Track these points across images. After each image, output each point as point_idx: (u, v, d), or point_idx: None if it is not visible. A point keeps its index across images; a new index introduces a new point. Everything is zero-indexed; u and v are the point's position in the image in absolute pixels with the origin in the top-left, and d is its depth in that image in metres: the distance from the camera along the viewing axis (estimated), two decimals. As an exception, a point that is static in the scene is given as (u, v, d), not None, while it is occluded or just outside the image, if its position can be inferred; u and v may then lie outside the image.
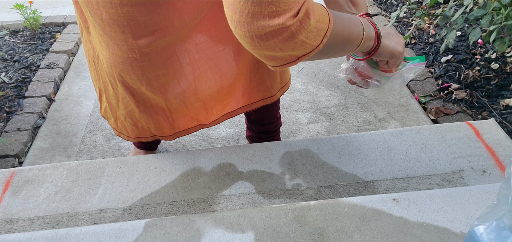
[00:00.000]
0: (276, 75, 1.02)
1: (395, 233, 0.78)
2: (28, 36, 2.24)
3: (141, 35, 0.76)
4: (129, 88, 0.89)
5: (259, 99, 1.04)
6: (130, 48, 0.79)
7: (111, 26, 0.76)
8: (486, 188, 0.87)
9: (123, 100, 0.95)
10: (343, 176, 1.01)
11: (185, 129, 1.03)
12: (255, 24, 0.55)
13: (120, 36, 0.77)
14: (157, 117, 0.97)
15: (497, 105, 1.46)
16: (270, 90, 1.03)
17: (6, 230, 0.93)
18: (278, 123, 1.25)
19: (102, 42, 0.82)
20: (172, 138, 1.04)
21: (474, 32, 1.39)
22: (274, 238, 0.79)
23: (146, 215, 0.94)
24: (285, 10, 0.54)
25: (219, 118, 1.03)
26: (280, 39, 0.56)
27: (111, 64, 0.85)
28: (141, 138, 1.05)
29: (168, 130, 1.01)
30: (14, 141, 1.46)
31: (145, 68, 0.83)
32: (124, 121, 1.02)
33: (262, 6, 0.53)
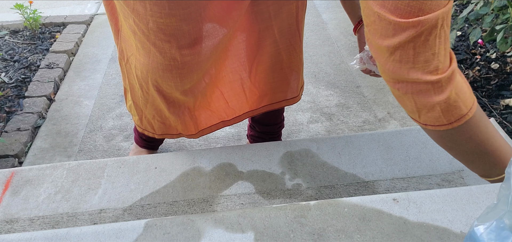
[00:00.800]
0: (299, 76, 1.01)
1: (395, 233, 0.78)
2: (28, 36, 2.24)
3: (184, 45, 0.77)
4: (162, 93, 0.90)
5: (282, 100, 1.03)
6: (172, 56, 0.79)
7: (157, 35, 0.76)
8: (486, 188, 0.87)
9: (153, 102, 0.96)
10: (343, 176, 1.01)
11: (208, 126, 1.03)
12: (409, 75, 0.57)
13: (165, 45, 0.77)
14: (184, 117, 0.98)
15: (497, 105, 1.46)
16: (294, 90, 1.03)
17: (6, 230, 0.93)
18: (281, 125, 1.25)
19: (142, 49, 0.82)
20: (196, 136, 1.04)
21: (474, 32, 1.39)
22: (274, 238, 0.79)
23: (146, 215, 0.94)
24: (427, 62, 0.56)
25: (241, 115, 1.04)
26: (415, 89, 0.59)
27: (148, 70, 0.86)
28: (166, 135, 1.06)
29: (193, 128, 1.02)
30: (14, 141, 1.46)
31: (184, 76, 0.84)
32: (152, 119, 1.02)
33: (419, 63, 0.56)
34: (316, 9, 2.44)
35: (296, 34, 0.91)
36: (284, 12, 0.85)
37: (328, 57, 1.94)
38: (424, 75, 0.55)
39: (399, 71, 0.57)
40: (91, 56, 2.07)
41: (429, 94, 0.58)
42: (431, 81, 0.56)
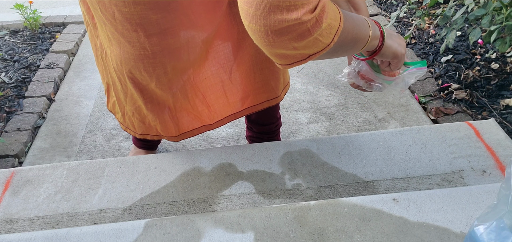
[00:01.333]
0: (280, 76, 1.02)
1: (395, 233, 0.78)
2: (28, 36, 2.24)
3: (153, 34, 0.77)
4: (138, 85, 0.90)
5: (264, 101, 1.03)
6: (142, 46, 0.80)
7: (124, 25, 0.77)
8: (486, 188, 0.87)
9: (131, 96, 0.96)
10: (343, 176, 1.01)
11: (190, 129, 1.03)
12: (271, 18, 0.54)
13: (132, 34, 0.78)
14: (163, 116, 0.97)
15: (497, 105, 1.46)
16: (275, 91, 1.03)
17: (6, 230, 0.93)
18: (278, 123, 1.25)
19: (113, 40, 0.83)
20: (177, 139, 1.04)
21: (474, 32, 1.39)
22: (274, 238, 0.79)
23: (146, 215, 0.94)
24: (303, 4, 0.54)
25: (224, 119, 1.03)
26: (294, 35, 0.56)
27: (121, 61, 0.86)
28: (147, 135, 1.06)
29: (174, 130, 1.01)
30: (14, 141, 1.46)
31: (156, 65, 0.84)
32: (131, 116, 1.02)
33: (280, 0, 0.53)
34: (316, 9, 2.44)
35: None
36: None
37: (328, 57, 1.95)
38: (302, 15, 0.55)
39: (275, 13, 0.55)
40: (91, 56, 2.07)
41: (307, 34, 0.58)
42: (308, 20, 0.55)
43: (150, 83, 0.89)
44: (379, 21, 0.78)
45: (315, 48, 0.60)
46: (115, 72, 0.92)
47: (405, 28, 2.10)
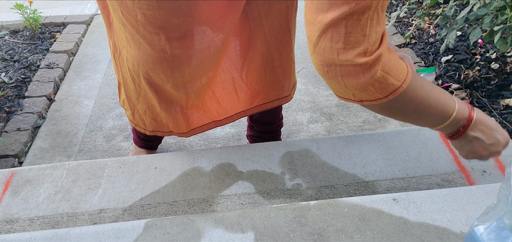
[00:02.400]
0: (291, 74, 1.02)
1: (395, 233, 0.78)
2: (28, 36, 2.24)
3: (174, 37, 0.78)
4: (154, 86, 0.91)
5: (274, 99, 1.03)
6: (162, 48, 0.80)
7: (145, 27, 0.76)
8: (486, 188, 0.87)
9: (145, 96, 0.97)
10: (343, 176, 1.01)
11: (199, 125, 1.03)
12: (327, 53, 0.58)
13: (154, 37, 0.78)
14: (176, 114, 0.98)
15: (497, 105, 1.46)
16: (286, 89, 1.03)
17: (6, 230, 0.93)
18: (280, 123, 1.25)
19: (131, 41, 0.83)
20: (187, 135, 1.04)
21: (474, 32, 1.39)
22: (274, 238, 0.79)
23: (146, 215, 0.94)
24: (356, 44, 0.56)
25: (234, 115, 1.04)
26: (344, 72, 0.58)
27: (138, 62, 0.86)
28: (157, 132, 1.06)
29: (185, 127, 1.02)
30: (14, 141, 1.46)
31: (174, 68, 0.84)
32: (143, 114, 1.02)
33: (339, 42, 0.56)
34: (316, 9, 2.44)
35: (286, 33, 0.92)
36: (274, 11, 0.86)
37: (328, 57, 1.95)
38: (354, 57, 0.57)
39: (329, 52, 0.58)
40: (91, 56, 2.07)
41: (357, 76, 0.59)
42: (359, 64, 0.57)
43: (166, 84, 0.89)
44: None
45: (366, 95, 0.62)
46: (129, 72, 0.92)
47: (405, 28, 2.10)
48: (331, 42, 0.56)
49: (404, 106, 0.65)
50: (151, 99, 0.96)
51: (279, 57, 0.95)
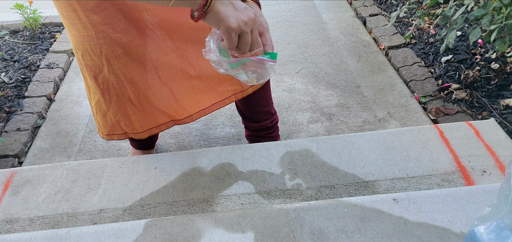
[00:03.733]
0: None
1: (395, 233, 0.78)
2: (28, 36, 2.24)
3: (91, 11, 0.77)
4: (92, 72, 0.90)
5: (231, 95, 1.03)
6: (84, 26, 0.79)
7: (64, 6, 0.77)
8: (486, 188, 0.87)
9: (91, 88, 0.96)
10: (343, 176, 1.01)
11: (157, 125, 1.01)
12: None
13: (73, 15, 0.78)
14: (125, 108, 0.95)
15: (497, 105, 1.46)
16: (241, 84, 1.02)
17: (6, 230, 0.93)
18: (273, 119, 1.23)
19: (66, 27, 0.84)
20: (143, 135, 1.02)
21: (474, 32, 1.39)
22: (274, 238, 0.79)
23: (146, 215, 0.94)
24: None
25: (193, 114, 1.03)
26: None
27: (75, 48, 0.87)
28: (113, 135, 1.03)
29: (139, 126, 1.00)
30: (14, 141, 1.46)
31: (102, 46, 0.83)
32: (96, 114, 1.01)
33: None
34: (316, 9, 2.44)
35: None
36: None
37: (328, 57, 1.94)
38: None
39: None
40: (91, 56, 2.07)
41: None
42: None
43: (102, 68, 0.87)
44: (378, 21, 0.74)
45: None
46: (79, 63, 0.92)
47: (405, 28, 2.10)
48: None
49: None
50: (96, 93, 0.93)
51: None
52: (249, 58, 0.71)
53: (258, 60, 0.71)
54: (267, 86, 1.13)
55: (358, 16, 2.30)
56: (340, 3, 2.50)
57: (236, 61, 0.71)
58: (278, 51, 2.00)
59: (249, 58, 0.71)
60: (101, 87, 0.92)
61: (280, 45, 2.05)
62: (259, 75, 0.73)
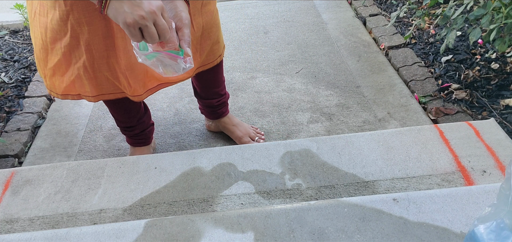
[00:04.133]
0: (196, 52, 1.06)
1: (395, 233, 0.78)
2: (28, 36, 2.24)
3: None
4: (58, 35, 0.94)
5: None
6: None
7: None
8: (486, 188, 0.87)
9: (50, 51, 0.99)
10: (343, 176, 1.01)
11: (108, 92, 1.04)
12: None
13: None
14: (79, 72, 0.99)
15: (497, 105, 1.46)
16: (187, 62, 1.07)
17: (6, 230, 0.93)
18: (220, 99, 1.32)
19: None
20: (94, 100, 1.05)
21: (474, 32, 1.39)
22: (274, 238, 0.79)
23: (146, 215, 0.94)
24: None
25: (142, 95, 1.05)
26: None
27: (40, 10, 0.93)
28: (68, 96, 1.06)
29: (89, 90, 1.03)
30: (14, 141, 1.46)
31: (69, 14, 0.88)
32: (51, 76, 1.04)
33: None
34: (316, 9, 2.44)
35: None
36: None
37: (328, 57, 1.94)
38: None
39: None
40: (91, 56, 2.07)
41: None
42: None
43: (66, 33, 0.92)
44: (378, 21, 0.76)
45: None
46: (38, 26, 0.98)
47: (405, 28, 2.10)
48: None
49: None
50: (57, 56, 0.97)
51: None
52: (161, 53, 0.74)
53: (170, 55, 0.74)
54: (219, 71, 1.24)
55: (358, 16, 2.30)
56: (340, 3, 2.50)
57: (151, 53, 0.74)
58: (278, 51, 2.00)
59: (160, 53, 0.74)
60: (62, 50, 0.95)
61: (280, 45, 2.05)
62: (173, 69, 0.76)
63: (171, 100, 1.67)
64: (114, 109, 1.18)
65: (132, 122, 1.23)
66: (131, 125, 1.25)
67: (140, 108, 1.24)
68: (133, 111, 1.21)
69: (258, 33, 2.16)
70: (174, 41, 0.74)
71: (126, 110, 1.18)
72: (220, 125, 1.41)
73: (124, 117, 1.23)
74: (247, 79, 1.78)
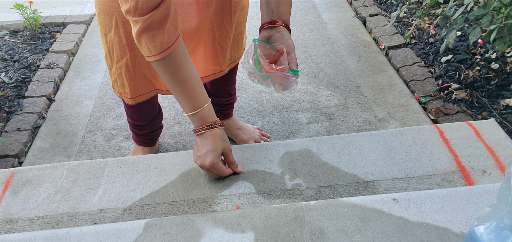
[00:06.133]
0: (227, 53, 1.10)
1: (395, 233, 0.78)
2: (28, 36, 2.24)
3: None
4: (103, 30, 1.01)
5: (210, 74, 1.12)
6: None
7: None
8: (486, 188, 0.87)
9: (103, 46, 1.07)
10: (343, 176, 1.01)
11: (144, 92, 1.11)
12: None
13: None
14: (121, 71, 1.05)
15: (497, 105, 1.46)
16: (221, 65, 1.11)
17: (6, 230, 0.93)
18: (229, 99, 1.33)
19: None
20: (131, 102, 1.11)
21: (474, 32, 1.39)
22: (274, 238, 0.79)
23: (146, 215, 0.94)
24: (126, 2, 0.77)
25: None
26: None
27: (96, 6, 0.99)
28: (117, 93, 1.14)
29: (129, 91, 1.09)
30: (14, 141, 1.46)
31: (115, 9, 0.94)
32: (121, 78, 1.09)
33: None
34: (316, 9, 2.44)
35: (228, 14, 1.02)
36: None
37: (328, 57, 1.95)
38: (125, 11, 0.77)
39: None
40: (91, 56, 2.08)
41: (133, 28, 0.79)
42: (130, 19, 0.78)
43: (111, 29, 0.98)
44: (378, 21, 0.83)
45: (142, 50, 0.83)
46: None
47: (405, 28, 2.10)
48: None
49: (167, 74, 0.85)
50: (104, 50, 1.05)
51: (219, 35, 1.04)
52: (276, 74, 0.87)
53: (284, 75, 0.87)
54: (234, 69, 1.26)
55: (358, 16, 2.30)
56: (340, 3, 2.50)
57: (266, 75, 0.87)
58: (278, 51, 2.00)
59: (275, 73, 0.87)
60: (107, 45, 1.01)
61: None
62: (284, 87, 0.89)
63: (171, 100, 1.67)
64: (129, 107, 1.19)
65: (143, 121, 1.24)
66: (141, 124, 1.26)
67: (154, 109, 1.25)
68: (148, 111, 1.23)
69: (258, 34, 2.17)
70: (285, 64, 0.87)
71: (141, 109, 1.20)
72: None
73: (138, 115, 1.24)
74: (247, 79, 1.78)
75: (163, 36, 0.79)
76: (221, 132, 0.95)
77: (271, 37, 0.90)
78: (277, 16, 0.91)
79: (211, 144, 0.92)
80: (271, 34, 0.90)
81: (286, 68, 0.87)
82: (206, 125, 0.92)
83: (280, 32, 0.89)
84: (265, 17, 0.93)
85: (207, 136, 0.92)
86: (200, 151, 0.93)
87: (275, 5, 0.91)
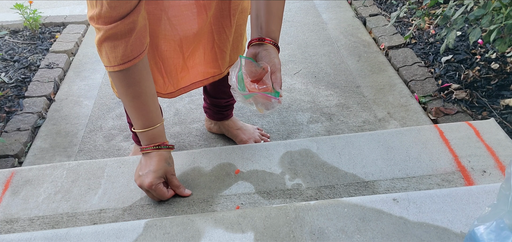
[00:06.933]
0: (226, 55, 1.10)
1: (395, 233, 0.78)
2: (28, 36, 2.24)
3: None
4: None
5: (210, 76, 1.11)
6: None
7: None
8: (486, 188, 0.87)
9: None
10: (343, 176, 1.01)
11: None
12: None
13: None
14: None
15: (497, 105, 1.46)
16: (220, 68, 1.11)
17: (6, 230, 0.93)
18: (229, 100, 1.32)
19: None
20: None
21: (474, 32, 1.39)
22: (274, 238, 0.79)
23: (146, 215, 0.94)
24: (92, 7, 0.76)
25: (175, 92, 1.09)
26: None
27: None
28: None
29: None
30: (14, 141, 1.46)
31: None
32: None
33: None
34: (316, 9, 2.44)
35: (227, 17, 1.01)
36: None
37: (328, 57, 1.95)
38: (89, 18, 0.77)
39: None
40: (91, 56, 2.08)
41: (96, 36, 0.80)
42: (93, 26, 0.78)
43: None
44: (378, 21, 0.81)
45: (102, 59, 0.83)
46: None
47: (405, 28, 2.10)
48: None
49: (126, 81, 0.84)
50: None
51: (219, 38, 1.04)
52: (257, 93, 0.85)
53: (265, 96, 0.85)
54: None
55: (358, 16, 2.30)
56: (340, 3, 2.50)
57: (248, 94, 0.85)
58: (278, 51, 2.00)
59: (257, 93, 0.85)
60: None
61: (280, 45, 2.05)
62: (266, 106, 0.87)
63: (171, 100, 1.67)
64: None
65: None
66: None
67: None
68: None
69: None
70: (268, 84, 0.85)
71: None
72: (223, 127, 1.40)
73: None
74: (247, 79, 1.78)
75: (126, 49, 0.78)
76: (168, 154, 0.94)
77: (258, 54, 0.88)
78: (266, 34, 0.89)
79: (154, 164, 0.91)
80: (258, 52, 0.88)
81: (269, 88, 0.85)
82: (154, 145, 0.92)
83: (267, 50, 0.88)
84: (254, 34, 0.91)
85: (152, 156, 0.92)
86: (142, 170, 0.92)
87: (265, 22, 0.89)
